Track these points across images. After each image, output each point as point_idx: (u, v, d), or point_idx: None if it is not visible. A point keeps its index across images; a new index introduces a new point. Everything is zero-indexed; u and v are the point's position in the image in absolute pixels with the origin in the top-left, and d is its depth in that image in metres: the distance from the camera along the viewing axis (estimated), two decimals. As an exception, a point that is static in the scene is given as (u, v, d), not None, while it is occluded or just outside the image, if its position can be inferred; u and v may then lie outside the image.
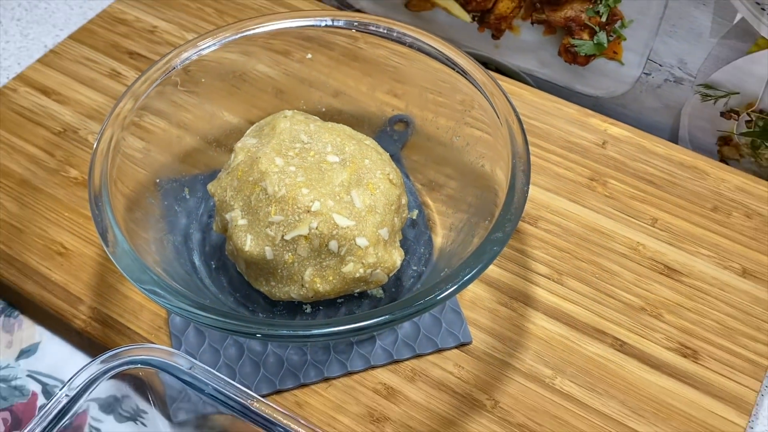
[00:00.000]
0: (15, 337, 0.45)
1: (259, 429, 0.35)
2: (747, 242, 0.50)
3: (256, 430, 0.37)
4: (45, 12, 0.63)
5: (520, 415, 0.41)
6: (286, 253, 0.39)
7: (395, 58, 0.50)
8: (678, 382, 0.43)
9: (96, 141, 0.40)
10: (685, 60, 0.53)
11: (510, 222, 0.38)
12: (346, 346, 0.43)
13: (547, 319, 0.45)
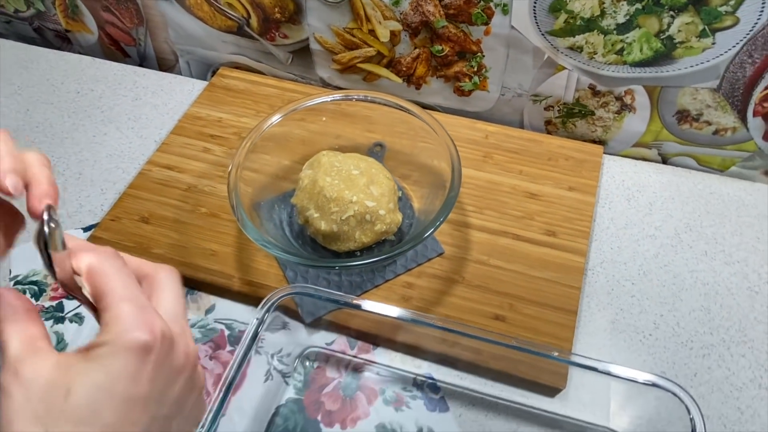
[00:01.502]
0: (199, 304, 0.51)
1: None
2: (570, 173, 0.57)
3: (349, 311, 0.46)
4: (147, 120, 0.66)
5: (478, 279, 0.49)
6: (343, 226, 0.47)
7: (366, 111, 0.54)
8: (548, 248, 0.51)
9: (228, 176, 0.47)
10: (522, 83, 0.58)
11: (457, 186, 0.46)
12: (382, 268, 0.50)
13: (479, 233, 0.53)
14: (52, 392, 0.22)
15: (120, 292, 0.24)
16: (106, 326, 0.23)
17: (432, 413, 0.45)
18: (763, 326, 0.49)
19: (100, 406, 0.22)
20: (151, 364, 0.23)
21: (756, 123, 0.54)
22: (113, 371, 0.23)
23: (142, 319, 0.24)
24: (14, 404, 0.22)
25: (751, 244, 0.55)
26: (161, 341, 0.24)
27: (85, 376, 0.23)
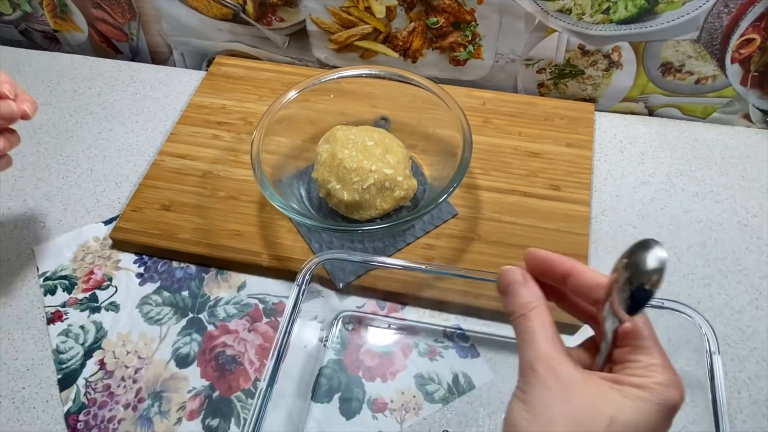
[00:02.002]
0: (230, 283, 0.52)
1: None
2: (566, 130, 0.60)
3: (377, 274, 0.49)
4: (149, 113, 0.67)
5: (493, 235, 0.52)
6: (365, 194, 0.49)
7: (367, 87, 0.56)
8: (554, 201, 0.54)
9: (251, 154, 0.49)
10: (515, 49, 0.61)
11: (469, 151, 0.49)
12: (402, 232, 0.53)
13: (488, 193, 0.55)
14: (593, 412, 0.23)
15: (657, 342, 0.26)
16: (644, 370, 0.25)
17: (464, 360, 0.48)
18: (755, 254, 0.54)
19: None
20: (670, 423, 0.25)
21: (734, 69, 0.58)
22: (647, 419, 0.24)
23: (675, 379, 0.25)
24: (553, 398, 0.23)
25: (736, 182, 0.59)
26: (679, 405, 0.25)
27: (624, 412, 0.24)
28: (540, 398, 0.23)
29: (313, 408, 0.46)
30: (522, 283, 0.27)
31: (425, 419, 0.45)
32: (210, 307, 0.51)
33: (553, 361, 0.24)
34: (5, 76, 0.45)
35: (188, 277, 0.54)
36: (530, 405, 0.23)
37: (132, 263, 0.55)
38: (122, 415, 0.46)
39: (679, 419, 0.43)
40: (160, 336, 0.50)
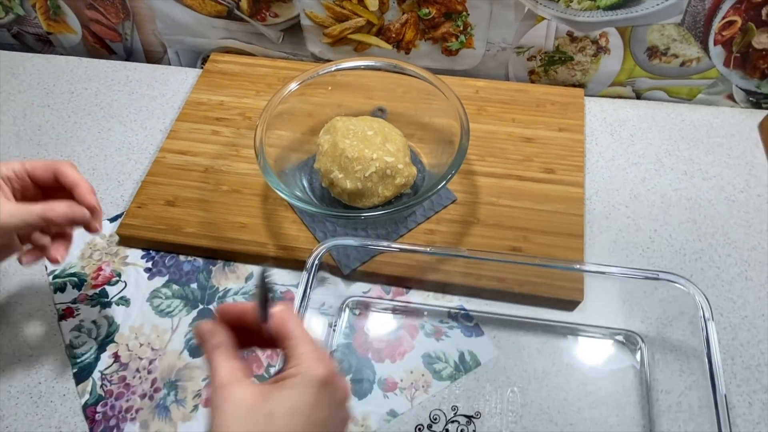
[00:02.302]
0: (238, 274, 0.53)
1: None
2: (558, 115, 0.62)
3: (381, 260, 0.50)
4: (147, 111, 0.67)
5: (492, 218, 0.54)
6: (367, 182, 0.51)
7: (362, 79, 0.57)
8: (550, 184, 0.56)
9: (254, 145, 0.50)
10: (505, 37, 0.62)
11: (467, 138, 0.50)
12: (404, 219, 0.54)
13: (485, 178, 0.57)
14: (258, 414, 0.28)
15: (302, 335, 0.31)
16: (294, 360, 0.30)
17: (469, 338, 0.50)
18: (743, 228, 0.56)
19: (296, 427, 0.28)
20: (328, 393, 0.29)
21: (717, 51, 0.60)
22: (304, 399, 0.28)
23: (321, 357, 0.30)
24: (226, 418, 0.28)
25: (723, 160, 0.61)
26: (334, 376, 0.30)
27: (283, 401, 0.28)
28: (216, 421, 0.28)
29: (326, 390, 0.47)
30: (210, 332, 0.32)
31: (434, 396, 0.47)
32: (219, 298, 0.53)
33: (228, 387, 0.29)
34: (87, 185, 0.43)
35: (196, 269, 0.55)
36: (212, 429, 0.28)
37: (140, 258, 0.56)
38: (139, 404, 0.47)
39: (676, 386, 0.46)
40: (172, 328, 0.51)
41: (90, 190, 0.43)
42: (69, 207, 0.41)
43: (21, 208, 0.39)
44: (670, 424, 0.44)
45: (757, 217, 0.56)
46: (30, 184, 0.43)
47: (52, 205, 0.40)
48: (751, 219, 0.56)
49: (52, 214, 0.40)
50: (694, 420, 0.44)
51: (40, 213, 0.40)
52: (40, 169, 0.42)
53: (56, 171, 0.42)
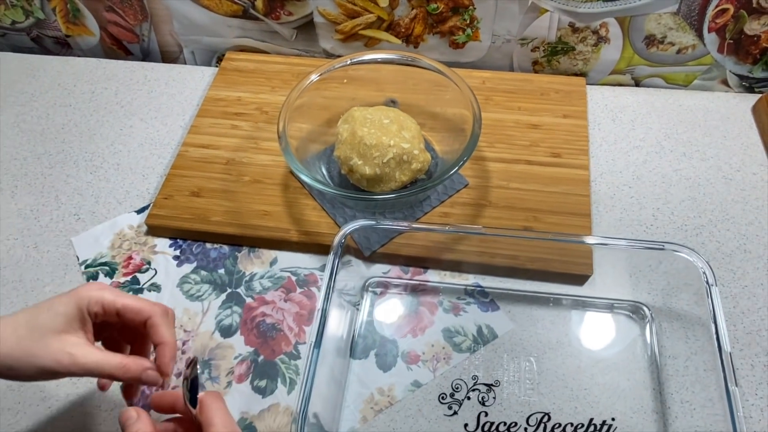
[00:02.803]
0: (263, 259, 0.56)
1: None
2: (561, 103, 0.64)
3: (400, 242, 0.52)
4: (167, 108, 0.69)
5: (503, 201, 0.56)
6: (385, 168, 0.53)
7: (372, 73, 0.59)
8: (556, 167, 0.58)
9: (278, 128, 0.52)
10: (510, 30, 0.65)
11: (479, 126, 0.52)
12: (419, 203, 0.57)
13: (495, 163, 0.59)
14: None
15: (224, 422, 0.35)
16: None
17: (486, 313, 0.52)
18: (740, 205, 0.59)
19: None
20: None
21: (711, 38, 0.63)
22: None
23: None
24: None
25: (719, 141, 0.64)
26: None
27: None
28: None
29: (353, 364, 0.50)
30: (135, 418, 0.35)
31: (455, 367, 0.49)
32: (246, 282, 0.55)
33: None
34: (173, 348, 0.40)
35: (222, 256, 0.57)
36: None
37: (168, 247, 0.58)
38: (175, 382, 0.49)
39: (682, 351, 0.48)
40: (202, 311, 0.53)
41: (174, 355, 0.40)
42: (143, 372, 0.38)
43: (95, 360, 0.37)
44: (678, 386, 0.47)
45: (753, 194, 0.59)
46: (115, 321, 0.39)
47: (127, 366, 0.38)
48: (748, 195, 0.59)
49: (125, 375, 0.38)
50: (700, 382, 0.47)
51: (112, 372, 0.37)
52: (131, 312, 0.39)
53: (148, 323, 0.39)
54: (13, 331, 0.36)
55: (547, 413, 0.46)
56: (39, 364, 0.36)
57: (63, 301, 0.38)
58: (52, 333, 0.37)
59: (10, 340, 0.36)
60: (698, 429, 0.45)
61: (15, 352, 0.36)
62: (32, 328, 0.37)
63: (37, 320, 0.37)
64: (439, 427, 0.46)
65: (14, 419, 0.49)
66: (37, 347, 0.36)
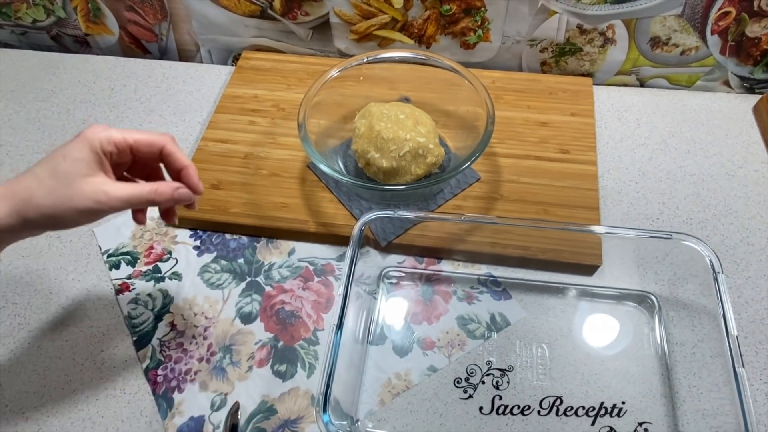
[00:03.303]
0: (281, 249, 0.57)
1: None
2: (569, 102, 0.66)
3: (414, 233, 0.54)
4: (185, 105, 0.71)
5: (514, 195, 0.57)
6: (401, 161, 0.54)
7: (385, 72, 0.61)
8: (565, 163, 0.60)
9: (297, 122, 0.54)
10: (520, 31, 0.67)
11: (492, 122, 0.54)
12: (433, 196, 0.58)
13: (506, 159, 0.61)
14: None
15: None
16: None
17: (498, 302, 0.54)
18: (743, 200, 0.60)
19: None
20: None
21: (714, 40, 0.65)
22: None
23: None
24: None
25: (722, 140, 0.66)
26: None
27: None
28: None
29: (370, 350, 0.51)
30: None
31: (470, 353, 0.51)
32: (265, 271, 0.56)
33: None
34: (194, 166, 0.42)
35: (241, 246, 0.58)
36: None
37: (188, 237, 0.59)
38: (197, 367, 0.51)
39: (689, 339, 0.50)
40: (223, 298, 0.55)
41: (196, 171, 0.42)
42: (175, 191, 0.40)
43: (130, 191, 0.38)
44: (685, 372, 0.48)
45: (755, 190, 0.61)
46: (129, 159, 0.41)
47: (159, 188, 0.40)
48: (750, 191, 0.61)
49: (159, 198, 0.40)
50: (706, 368, 0.48)
51: (148, 197, 0.39)
52: (144, 145, 0.40)
53: (164, 151, 0.41)
54: (40, 184, 0.37)
55: (559, 397, 0.48)
56: (79, 208, 0.37)
57: (76, 147, 0.38)
58: (80, 177, 0.37)
59: (41, 192, 0.37)
60: (705, 412, 0.46)
61: (52, 202, 0.37)
62: (58, 178, 0.37)
63: (59, 170, 0.37)
64: (455, 410, 0.48)
65: (39, 402, 0.50)
66: (71, 193, 0.37)
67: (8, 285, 0.57)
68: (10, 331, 0.54)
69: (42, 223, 0.38)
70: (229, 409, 0.35)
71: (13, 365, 0.51)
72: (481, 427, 0.47)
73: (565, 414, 0.47)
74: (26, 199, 0.37)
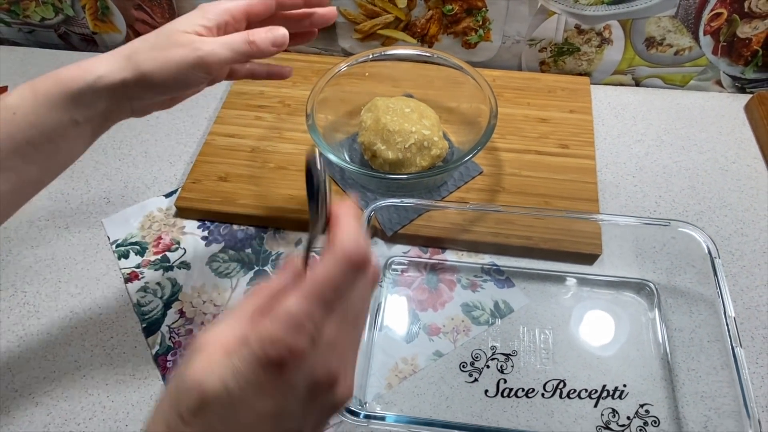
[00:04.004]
0: (288, 240, 0.58)
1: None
2: (568, 100, 0.68)
3: (419, 223, 0.55)
4: (192, 101, 0.68)
5: (516, 187, 0.59)
6: (407, 153, 0.56)
7: (387, 70, 0.63)
8: (565, 157, 0.62)
9: (306, 112, 0.55)
10: (520, 31, 0.69)
11: (495, 116, 0.55)
12: (437, 188, 0.59)
13: (507, 153, 0.62)
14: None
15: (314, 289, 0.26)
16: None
17: (502, 289, 0.55)
18: (736, 193, 0.62)
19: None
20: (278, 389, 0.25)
21: (706, 41, 0.68)
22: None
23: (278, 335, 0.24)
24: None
25: (715, 137, 0.68)
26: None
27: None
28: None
29: (377, 336, 0.52)
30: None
31: (474, 338, 0.52)
32: (273, 261, 0.57)
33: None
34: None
35: (249, 237, 0.59)
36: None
37: (196, 228, 0.60)
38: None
39: (687, 325, 0.51)
40: (231, 287, 0.56)
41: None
42: (269, 30, 0.38)
43: (223, 39, 0.37)
44: (684, 356, 0.50)
45: (748, 183, 0.63)
46: (244, 26, 0.40)
47: (253, 31, 0.38)
48: (744, 185, 0.63)
49: (255, 38, 0.38)
50: (704, 352, 0.49)
51: (243, 39, 0.37)
52: (260, 4, 0.40)
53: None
54: (144, 41, 0.38)
55: (562, 380, 0.49)
56: (173, 59, 0.36)
57: (189, 15, 0.39)
58: (180, 33, 0.37)
59: (144, 47, 0.37)
60: (704, 394, 0.47)
61: (148, 55, 0.37)
62: (161, 35, 0.38)
63: (165, 29, 0.38)
64: (461, 393, 0.48)
65: (50, 387, 0.50)
66: (168, 44, 0.37)
67: (17, 274, 0.57)
68: (20, 318, 0.54)
69: (141, 82, 0.37)
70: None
71: (23, 352, 0.52)
72: (486, 409, 0.47)
73: (569, 396, 0.48)
74: (129, 56, 0.37)
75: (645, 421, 0.46)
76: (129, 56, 0.37)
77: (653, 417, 0.47)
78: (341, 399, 0.27)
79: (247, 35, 0.38)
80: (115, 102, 0.38)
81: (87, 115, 0.38)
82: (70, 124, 0.38)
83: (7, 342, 0.52)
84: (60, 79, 0.37)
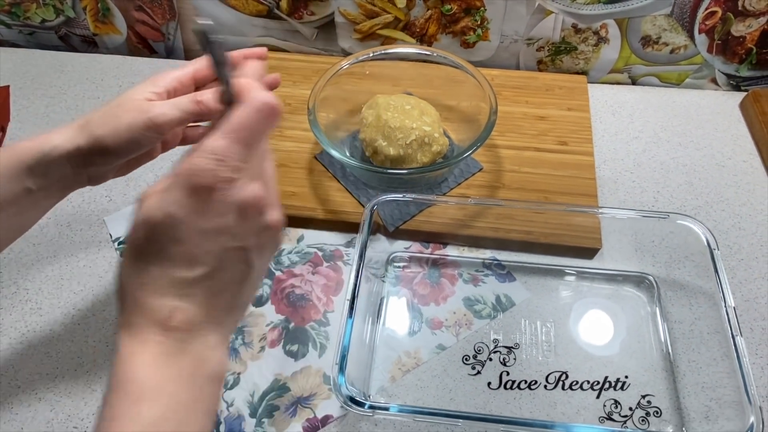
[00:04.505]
0: (290, 236, 0.58)
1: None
2: (565, 98, 0.68)
3: (421, 219, 0.55)
4: None
5: (515, 183, 0.60)
6: (408, 149, 0.56)
7: (388, 70, 0.63)
8: (564, 154, 0.62)
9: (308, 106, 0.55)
10: (518, 30, 0.70)
11: (495, 113, 0.56)
12: (438, 185, 0.60)
13: (506, 150, 0.63)
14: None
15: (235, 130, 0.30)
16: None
17: (503, 284, 0.55)
18: (733, 188, 0.63)
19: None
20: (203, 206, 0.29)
21: (701, 39, 0.69)
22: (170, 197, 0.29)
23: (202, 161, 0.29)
24: None
25: (711, 133, 0.69)
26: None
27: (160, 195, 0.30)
28: None
29: (380, 330, 0.52)
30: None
31: (477, 331, 0.52)
32: (275, 257, 0.57)
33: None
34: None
35: (251, 234, 0.59)
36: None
37: (198, 225, 0.60)
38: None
39: (687, 317, 0.52)
40: (234, 282, 0.55)
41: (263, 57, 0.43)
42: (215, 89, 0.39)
43: (173, 101, 0.39)
44: (684, 348, 0.50)
45: (744, 179, 0.64)
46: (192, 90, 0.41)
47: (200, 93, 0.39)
48: (740, 180, 0.63)
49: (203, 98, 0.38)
50: (704, 344, 0.50)
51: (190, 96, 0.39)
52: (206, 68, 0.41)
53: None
54: (97, 110, 0.39)
55: (564, 372, 0.49)
56: (125, 122, 0.37)
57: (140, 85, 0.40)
58: (131, 100, 0.39)
59: (96, 115, 0.39)
60: (705, 384, 0.48)
61: (101, 122, 0.38)
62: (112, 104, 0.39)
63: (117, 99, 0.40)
64: (464, 385, 0.49)
65: (52, 383, 0.50)
66: (119, 111, 0.38)
67: (19, 272, 0.57)
68: (22, 315, 0.54)
69: (95, 148, 0.38)
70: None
71: (25, 348, 0.52)
72: (489, 401, 0.48)
73: (571, 388, 0.48)
74: (83, 125, 0.39)
75: (647, 412, 0.47)
76: (83, 125, 0.39)
77: (655, 407, 0.47)
78: (273, 222, 0.32)
79: (194, 95, 0.39)
80: (71, 170, 0.39)
81: (41, 184, 0.39)
82: (23, 193, 0.39)
83: (10, 339, 0.52)
84: (16, 151, 0.38)
